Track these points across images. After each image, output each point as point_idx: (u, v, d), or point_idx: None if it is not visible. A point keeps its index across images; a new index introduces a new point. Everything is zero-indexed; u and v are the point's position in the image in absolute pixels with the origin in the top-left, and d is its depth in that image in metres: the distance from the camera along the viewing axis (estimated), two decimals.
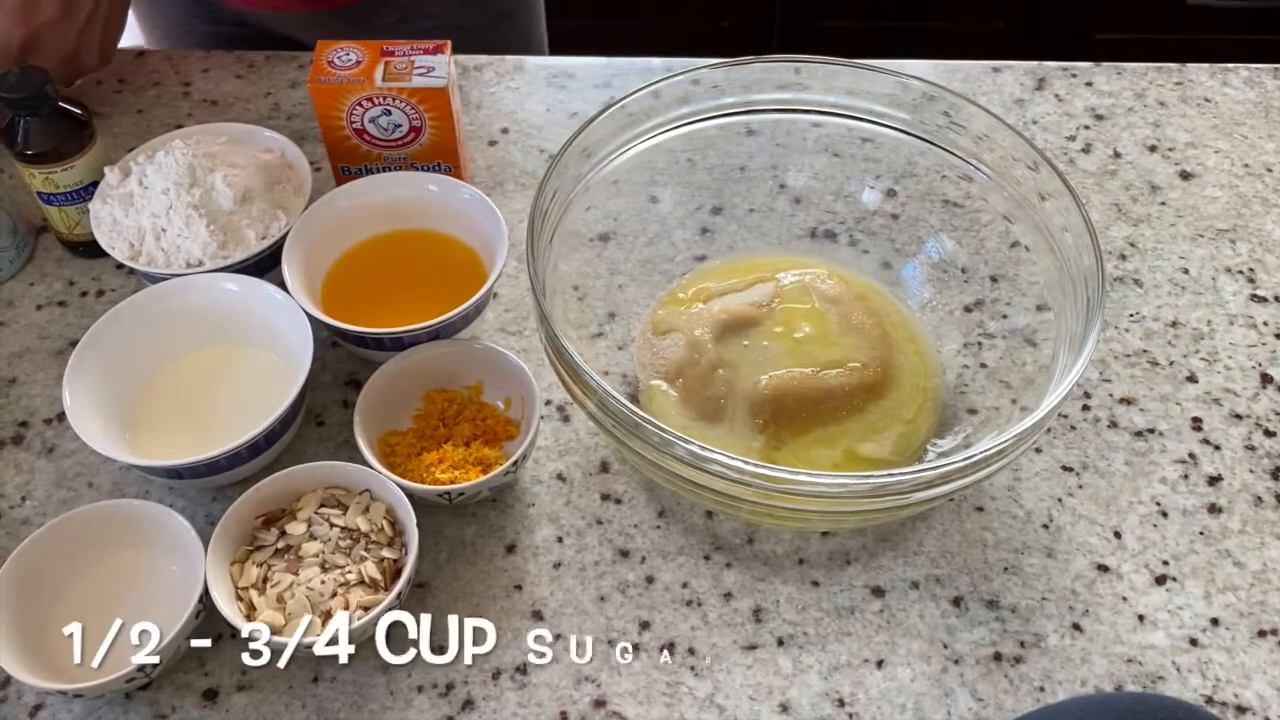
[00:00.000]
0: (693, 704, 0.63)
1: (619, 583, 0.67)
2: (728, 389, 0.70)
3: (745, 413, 0.70)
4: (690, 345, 0.72)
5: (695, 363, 0.72)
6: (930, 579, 0.67)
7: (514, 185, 0.87)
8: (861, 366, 0.71)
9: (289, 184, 0.78)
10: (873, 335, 0.73)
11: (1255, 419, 0.75)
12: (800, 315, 0.74)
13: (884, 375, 0.71)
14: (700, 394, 0.71)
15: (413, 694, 0.63)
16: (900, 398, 0.72)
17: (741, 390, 0.70)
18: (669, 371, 0.73)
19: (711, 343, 0.72)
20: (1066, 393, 0.60)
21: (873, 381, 0.71)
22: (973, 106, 0.72)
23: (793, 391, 0.70)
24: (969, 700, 0.63)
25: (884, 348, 0.73)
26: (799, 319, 0.74)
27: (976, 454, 0.58)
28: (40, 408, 0.75)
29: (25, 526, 0.69)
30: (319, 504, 0.66)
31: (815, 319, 0.74)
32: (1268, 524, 0.70)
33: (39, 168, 0.77)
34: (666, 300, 0.78)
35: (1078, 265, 0.67)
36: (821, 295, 0.75)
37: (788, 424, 0.69)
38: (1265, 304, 0.81)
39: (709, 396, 0.70)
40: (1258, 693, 0.63)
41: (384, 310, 0.73)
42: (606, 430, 0.62)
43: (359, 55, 0.79)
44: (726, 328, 0.73)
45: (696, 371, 0.71)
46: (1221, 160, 0.90)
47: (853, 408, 0.70)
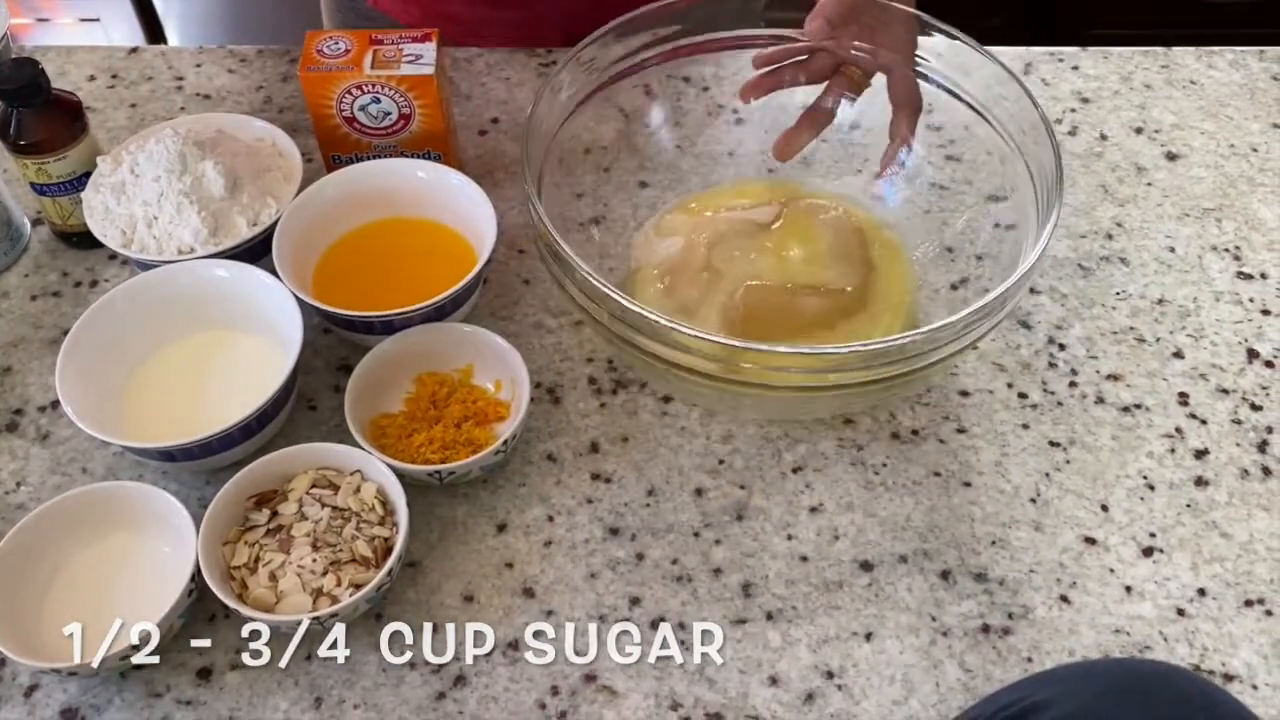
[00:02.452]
0: (682, 678, 0.63)
1: (609, 560, 0.68)
2: (708, 290, 0.73)
3: (718, 314, 0.73)
4: (686, 247, 0.76)
5: (686, 263, 0.75)
6: (918, 553, 0.68)
7: (504, 174, 0.88)
8: (841, 291, 0.74)
9: (279, 172, 0.79)
10: (859, 264, 0.75)
11: (1241, 393, 0.75)
12: (795, 237, 0.77)
13: (858, 300, 0.74)
14: (682, 291, 0.74)
15: (405, 670, 0.64)
16: (870, 318, 0.74)
17: (721, 291, 0.73)
18: (660, 266, 0.76)
19: (705, 247, 0.75)
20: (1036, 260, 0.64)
21: (849, 304, 0.73)
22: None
23: (767, 301, 0.72)
24: (958, 671, 0.63)
25: (866, 276, 0.75)
26: (793, 241, 0.76)
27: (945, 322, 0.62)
28: (35, 395, 0.76)
29: (20, 511, 0.69)
30: (310, 484, 0.67)
31: (809, 243, 0.76)
32: (1254, 496, 0.70)
33: (32, 158, 0.78)
34: (677, 208, 0.81)
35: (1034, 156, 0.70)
36: (821, 223, 0.77)
37: (756, 330, 0.71)
38: (1251, 281, 0.81)
39: (689, 295, 0.74)
40: (1244, 661, 0.64)
41: (375, 296, 0.74)
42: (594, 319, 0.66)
43: (348, 44, 0.79)
44: (723, 237, 0.76)
45: (684, 271, 0.75)
46: (1207, 141, 0.90)
47: (822, 324, 0.73)
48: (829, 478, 0.71)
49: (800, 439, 0.73)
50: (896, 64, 0.76)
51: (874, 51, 0.76)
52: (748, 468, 0.71)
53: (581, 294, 0.67)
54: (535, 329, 0.78)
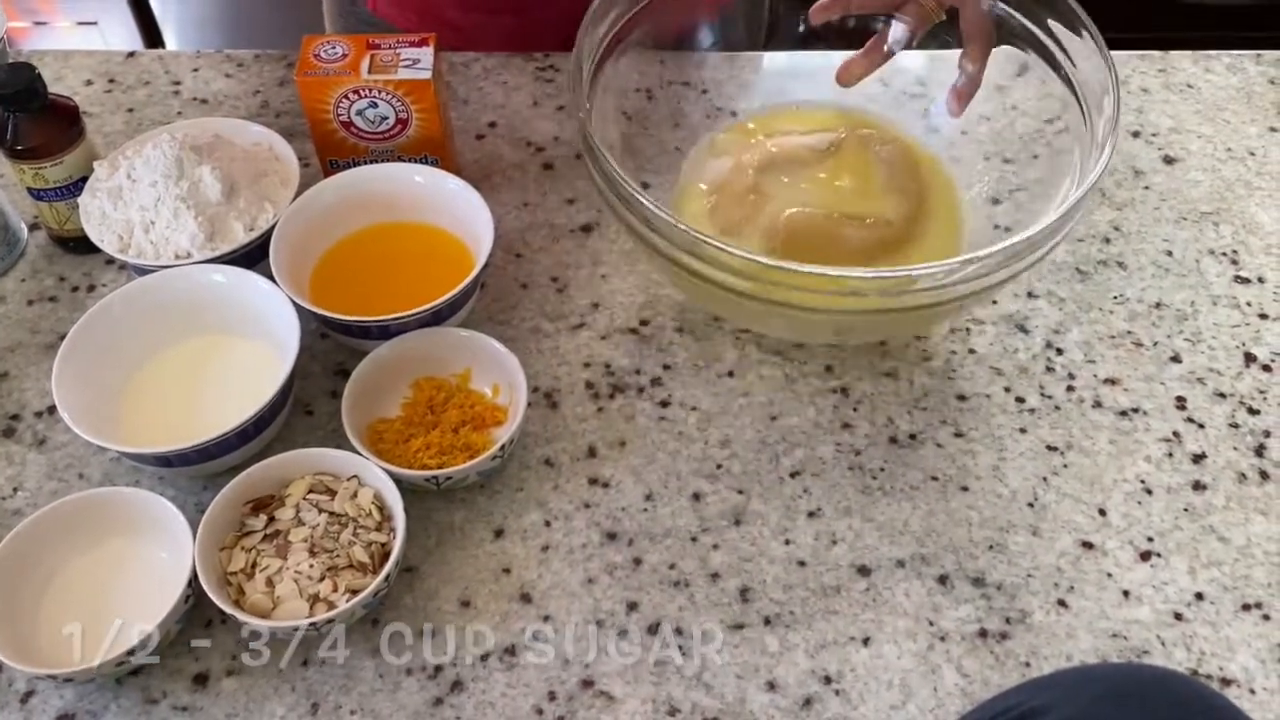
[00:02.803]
0: (680, 683, 0.63)
1: (606, 565, 0.68)
2: (753, 212, 0.74)
3: (761, 236, 0.73)
4: (735, 168, 0.76)
5: (732, 184, 0.75)
6: (916, 558, 0.68)
7: (501, 178, 0.88)
8: (886, 224, 0.74)
9: (276, 176, 0.79)
10: (911, 199, 0.75)
11: (1239, 397, 0.75)
12: (848, 168, 0.77)
13: (905, 235, 0.74)
14: (727, 211, 0.75)
15: (402, 676, 0.64)
16: (915, 255, 0.73)
17: (766, 214, 0.74)
18: (708, 184, 0.76)
19: (754, 170, 0.76)
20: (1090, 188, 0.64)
21: (893, 238, 0.73)
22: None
23: (810, 228, 0.73)
24: (955, 676, 0.63)
25: (917, 211, 0.75)
26: (846, 171, 0.77)
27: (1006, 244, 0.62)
28: (31, 401, 0.76)
29: (16, 517, 0.69)
30: (307, 490, 0.67)
31: (862, 175, 0.76)
32: (1251, 500, 0.70)
33: (29, 163, 0.78)
34: (733, 129, 0.82)
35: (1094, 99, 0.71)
36: (877, 155, 0.77)
37: (796, 256, 0.70)
38: (1248, 285, 0.81)
39: (734, 216, 0.74)
40: (1242, 665, 0.64)
41: (372, 301, 0.74)
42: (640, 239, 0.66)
43: (345, 48, 0.79)
44: (774, 162, 0.76)
45: (731, 190, 0.75)
46: (1204, 145, 0.90)
47: (865, 256, 0.72)
48: (826, 482, 0.71)
49: (798, 443, 0.73)
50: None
51: None
52: (745, 472, 0.71)
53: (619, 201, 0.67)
54: (532, 333, 0.78)
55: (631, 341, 0.78)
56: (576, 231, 0.84)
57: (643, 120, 0.81)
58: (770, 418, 0.74)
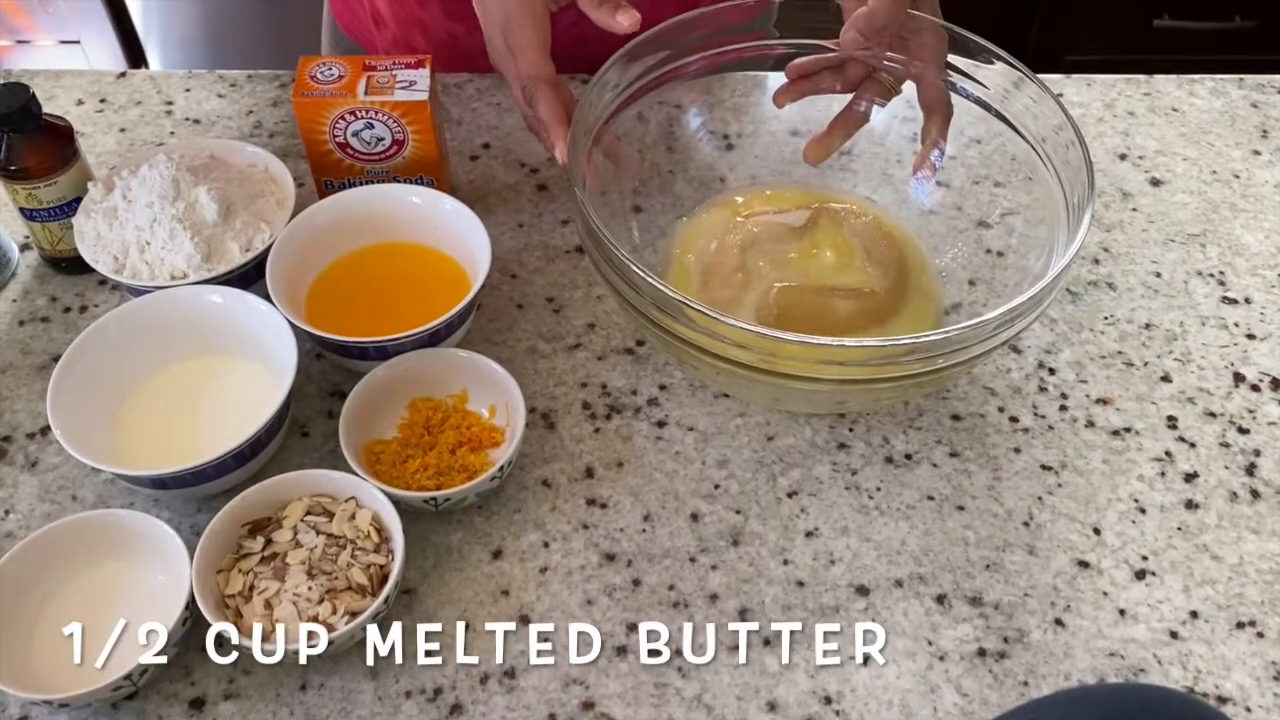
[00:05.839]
0: (680, 704, 0.63)
1: (605, 586, 0.68)
2: (742, 290, 0.75)
3: (752, 313, 0.74)
4: (719, 248, 0.78)
5: (720, 263, 0.77)
6: (914, 577, 0.68)
7: (496, 199, 0.88)
8: (871, 293, 0.75)
9: (272, 197, 0.79)
10: (891, 269, 0.77)
11: (1229, 417, 0.76)
12: (828, 242, 0.78)
13: (890, 305, 0.75)
14: (715, 290, 0.76)
15: (400, 699, 0.63)
16: (901, 326, 0.75)
17: (755, 291, 0.75)
18: (695, 263, 0.78)
19: (738, 249, 0.77)
20: (1070, 260, 0.66)
21: (878, 308, 0.75)
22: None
23: (800, 302, 0.74)
24: (954, 696, 0.64)
25: (899, 281, 0.77)
26: (826, 245, 0.78)
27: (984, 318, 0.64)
28: (24, 422, 0.75)
29: (9, 540, 0.69)
30: (305, 512, 0.66)
31: (842, 248, 0.78)
32: (1243, 518, 0.71)
33: (22, 183, 0.77)
34: (712, 205, 0.83)
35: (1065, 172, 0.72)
36: (853, 228, 0.79)
37: (789, 330, 0.71)
38: (1236, 305, 0.82)
39: (723, 294, 0.75)
40: (1237, 683, 0.64)
41: (368, 322, 0.74)
42: (632, 307, 0.68)
43: (341, 70, 0.79)
44: (756, 240, 0.78)
45: (718, 270, 0.77)
46: (1190, 167, 0.92)
47: (854, 328, 0.74)
48: (824, 502, 0.71)
49: (794, 463, 0.73)
50: (927, 71, 0.77)
51: (906, 61, 0.78)
52: (743, 492, 0.72)
53: (624, 282, 0.68)
54: (529, 354, 0.78)
55: (628, 362, 0.78)
56: (571, 252, 0.84)
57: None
58: (767, 438, 0.74)
